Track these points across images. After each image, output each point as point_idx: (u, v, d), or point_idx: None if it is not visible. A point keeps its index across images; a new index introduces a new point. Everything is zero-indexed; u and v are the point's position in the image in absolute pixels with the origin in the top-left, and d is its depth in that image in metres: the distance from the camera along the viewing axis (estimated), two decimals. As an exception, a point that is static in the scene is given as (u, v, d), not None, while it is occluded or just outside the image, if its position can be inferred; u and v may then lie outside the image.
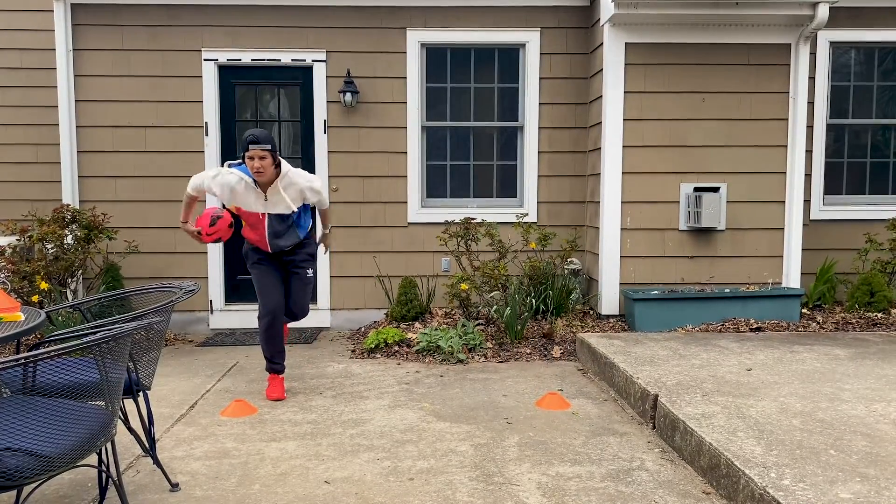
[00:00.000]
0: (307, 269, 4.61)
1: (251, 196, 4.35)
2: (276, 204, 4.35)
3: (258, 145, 4.13)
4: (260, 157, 4.15)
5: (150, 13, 6.49)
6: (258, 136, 4.15)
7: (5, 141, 7.06)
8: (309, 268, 4.61)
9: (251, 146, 4.13)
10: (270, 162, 4.20)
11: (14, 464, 2.17)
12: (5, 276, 5.64)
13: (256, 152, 4.14)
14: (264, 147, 4.15)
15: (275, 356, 4.55)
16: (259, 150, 4.14)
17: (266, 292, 4.46)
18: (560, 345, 5.69)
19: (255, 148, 4.13)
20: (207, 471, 3.36)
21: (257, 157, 4.14)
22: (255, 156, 4.14)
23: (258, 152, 4.14)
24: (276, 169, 4.28)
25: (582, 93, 6.71)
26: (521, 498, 3.02)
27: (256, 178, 4.23)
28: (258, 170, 4.17)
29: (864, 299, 6.13)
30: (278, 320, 4.49)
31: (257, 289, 4.51)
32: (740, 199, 6.13)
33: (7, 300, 3.00)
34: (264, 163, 4.17)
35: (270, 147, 4.18)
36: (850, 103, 6.68)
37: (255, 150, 4.13)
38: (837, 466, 2.87)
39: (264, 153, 4.15)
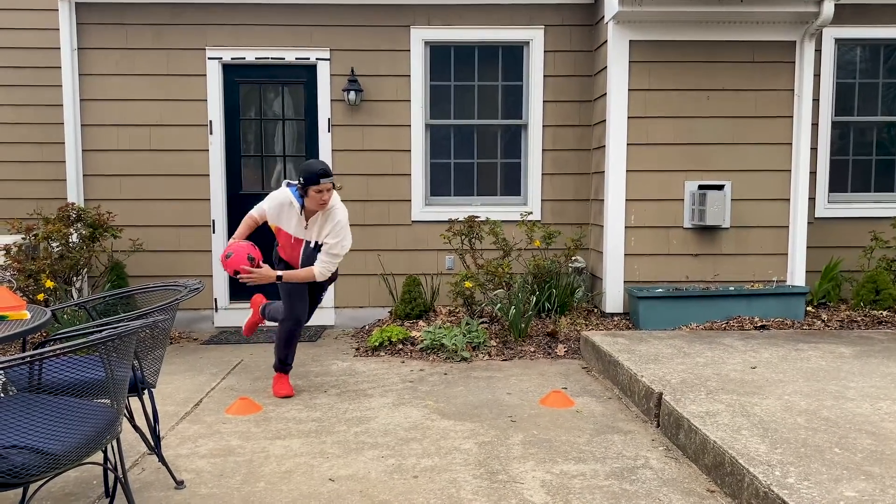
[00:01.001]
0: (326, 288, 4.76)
1: (294, 220, 4.43)
2: (311, 233, 4.43)
3: (329, 179, 4.25)
4: (328, 189, 4.26)
5: (155, 12, 6.50)
6: (328, 169, 4.27)
7: (11, 139, 7.09)
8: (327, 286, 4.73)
9: (322, 180, 4.21)
10: (332, 194, 4.31)
11: (20, 461, 2.18)
12: (11, 274, 5.66)
13: (327, 185, 4.24)
14: (332, 180, 4.29)
15: (288, 357, 4.60)
16: (329, 183, 4.25)
17: (293, 300, 4.48)
18: (564, 343, 5.69)
19: (327, 181, 4.23)
20: (212, 468, 3.37)
21: (326, 189, 4.25)
22: (325, 188, 4.24)
23: (328, 185, 4.25)
24: None
25: (586, 90, 6.70)
26: (526, 496, 3.02)
27: (319, 208, 4.32)
28: (323, 202, 4.28)
29: (870, 297, 6.12)
30: (301, 327, 4.56)
31: (284, 295, 4.51)
32: (745, 196, 6.12)
33: (13, 298, 3.01)
34: (330, 194, 4.30)
35: (334, 180, 4.32)
36: (856, 101, 6.66)
37: (325, 183, 4.23)
38: (842, 465, 2.86)
39: (331, 185, 4.28)
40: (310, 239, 4.44)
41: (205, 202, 6.64)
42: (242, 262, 4.23)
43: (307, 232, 4.43)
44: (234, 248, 4.29)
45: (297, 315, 4.50)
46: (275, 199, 4.45)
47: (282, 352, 4.57)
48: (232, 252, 4.26)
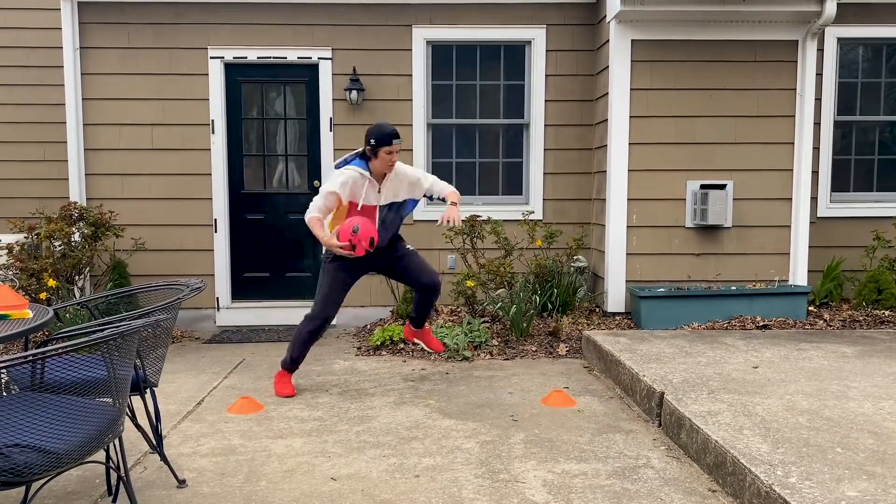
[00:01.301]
0: (406, 245, 4.72)
1: (366, 189, 4.44)
2: (387, 195, 4.51)
3: (398, 140, 4.37)
4: (398, 150, 4.40)
5: (157, 11, 6.51)
6: (396, 131, 4.39)
7: (13, 139, 7.10)
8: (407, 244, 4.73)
9: (395, 140, 4.35)
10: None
11: (23, 460, 2.18)
12: (13, 273, 5.67)
13: (397, 147, 4.37)
14: (400, 142, 4.40)
15: (300, 358, 4.59)
16: (399, 145, 4.39)
17: (329, 298, 4.48)
18: (566, 342, 5.69)
19: (398, 143, 4.37)
20: (214, 467, 3.37)
21: (396, 151, 4.37)
22: (395, 150, 4.36)
23: (398, 147, 4.38)
24: None
25: (588, 90, 6.69)
26: (527, 495, 3.02)
27: (388, 170, 4.41)
28: (393, 162, 4.39)
29: (872, 297, 6.11)
30: (325, 329, 4.56)
31: (323, 290, 4.50)
32: (747, 196, 6.11)
33: (15, 297, 3.01)
34: (397, 156, 4.42)
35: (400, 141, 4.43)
36: (858, 100, 6.65)
37: (396, 145, 4.36)
38: (844, 464, 2.86)
39: (400, 147, 4.42)
40: (384, 203, 4.50)
41: (207, 201, 6.64)
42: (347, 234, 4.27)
43: (380, 196, 4.48)
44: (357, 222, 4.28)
45: (326, 314, 4.49)
46: (342, 181, 4.35)
47: (296, 350, 4.55)
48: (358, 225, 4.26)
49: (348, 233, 4.25)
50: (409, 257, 4.64)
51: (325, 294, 4.49)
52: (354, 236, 4.23)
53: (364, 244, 4.25)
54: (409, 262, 4.63)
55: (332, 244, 4.28)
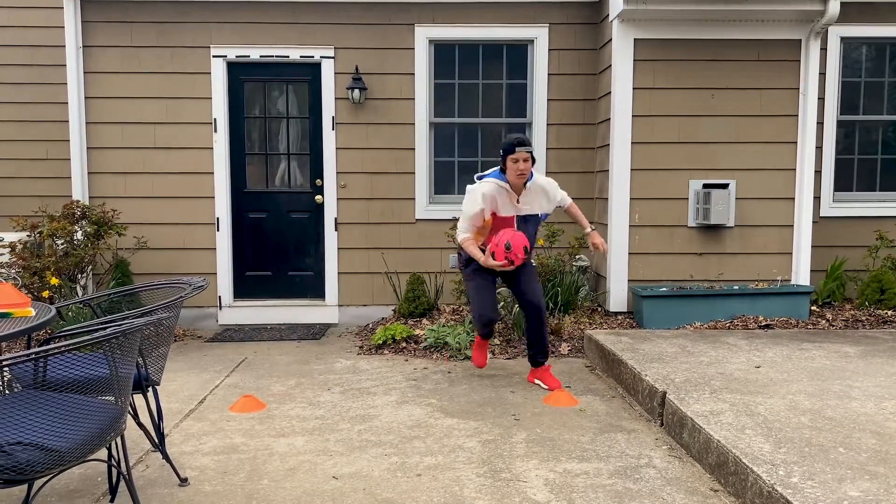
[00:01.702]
0: (530, 259, 4.68)
1: (506, 200, 4.44)
2: (525, 207, 4.48)
3: (524, 148, 4.27)
4: (524, 158, 4.28)
5: (160, 10, 6.51)
6: (524, 139, 4.30)
7: (16, 137, 7.11)
8: (531, 259, 4.71)
9: (518, 148, 4.25)
10: (531, 164, 4.32)
11: (25, 458, 2.19)
12: (16, 271, 5.68)
13: (522, 154, 4.26)
14: (529, 149, 4.29)
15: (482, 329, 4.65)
16: (524, 153, 4.26)
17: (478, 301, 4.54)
18: (568, 341, 5.69)
19: (522, 150, 4.26)
20: (216, 466, 3.38)
21: (522, 158, 4.27)
22: (521, 158, 4.27)
23: (524, 154, 4.27)
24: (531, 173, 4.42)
25: (590, 89, 6.69)
26: (529, 494, 3.02)
27: (519, 179, 4.33)
28: (522, 171, 4.29)
29: (875, 297, 6.10)
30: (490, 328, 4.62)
31: (471, 296, 4.59)
32: (750, 195, 6.11)
33: (18, 296, 3.02)
34: (527, 164, 4.31)
35: (532, 150, 4.32)
36: (861, 99, 6.64)
37: (521, 153, 4.25)
38: (846, 464, 2.85)
39: (528, 155, 4.29)
40: (522, 213, 4.48)
41: (209, 200, 6.65)
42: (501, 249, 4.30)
43: (519, 207, 4.45)
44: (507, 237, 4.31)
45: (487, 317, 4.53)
46: (482, 194, 4.37)
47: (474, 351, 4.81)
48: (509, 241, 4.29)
49: (503, 251, 4.30)
50: (527, 271, 4.61)
51: (474, 298, 4.56)
52: (509, 252, 4.28)
53: (520, 255, 4.31)
54: (524, 275, 4.60)
55: (490, 264, 4.35)
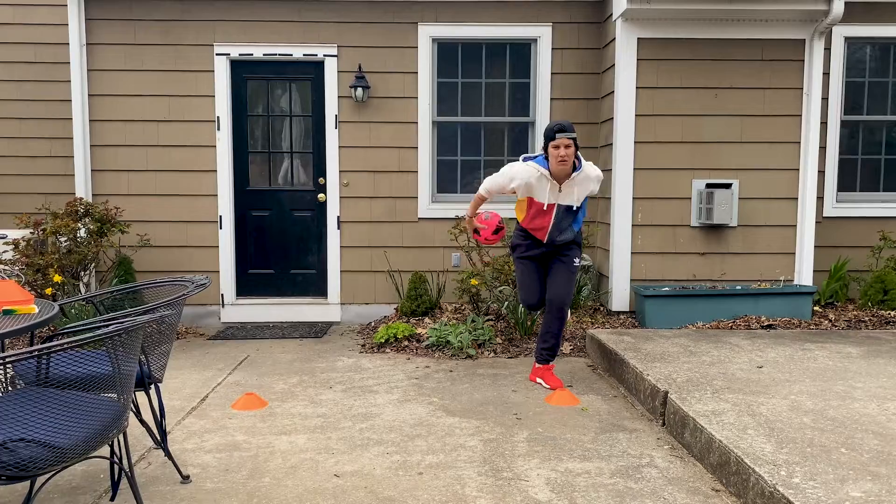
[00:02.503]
0: (574, 258, 4.60)
1: (546, 187, 4.41)
2: (567, 196, 4.44)
3: (565, 134, 4.24)
4: (566, 145, 4.24)
5: (163, 8, 6.52)
6: (565, 125, 4.26)
7: (20, 134, 7.13)
8: (576, 257, 4.62)
9: (558, 135, 4.23)
10: (573, 151, 4.29)
11: (28, 455, 2.19)
12: (19, 268, 5.69)
13: (563, 141, 4.23)
14: (570, 136, 4.25)
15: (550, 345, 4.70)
16: (566, 139, 4.24)
17: (523, 286, 4.68)
18: (570, 341, 5.69)
19: (562, 136, 4.23)
20: (218, 463, 3.38)
21: (563, 145, 4.24)
22: (562, 144, 4.23)
23: (564, 141, 4.24)
24: (577, 160, 4.38)
25: (594, 88, 6.68)
26: (530, 493, 3.02)
27: (560, 166, 4.30)
28: (563, 158, 4.25)
29: (878, 297, 6.09)
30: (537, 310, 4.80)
31: (519, 282, 4.73)
32: (753, 195, 6.10)
33: (21, 293, 3.03)
34: (569, 151, 4.25)
35: (575, 137, 4.28)
36: (865, 99, 6.62)
37: (561, 139, 4.23)
38: (848, 465, 2.85)
39: (569, 142, 4.25)
40: (564, 203, 4.45)
41: (212, 198, 6.66)
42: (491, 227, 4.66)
43: (561, 195, 4.42)
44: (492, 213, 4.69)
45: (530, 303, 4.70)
46: (521, 174, 4.40)
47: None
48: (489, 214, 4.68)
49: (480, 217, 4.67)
50: (562, 265, 4.59)
51: (519, 283, 4.73)
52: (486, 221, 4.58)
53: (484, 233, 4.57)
54: (557, 269, 4.59)
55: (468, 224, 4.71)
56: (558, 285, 4.55)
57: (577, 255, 4.63)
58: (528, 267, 4.66)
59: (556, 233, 4.51)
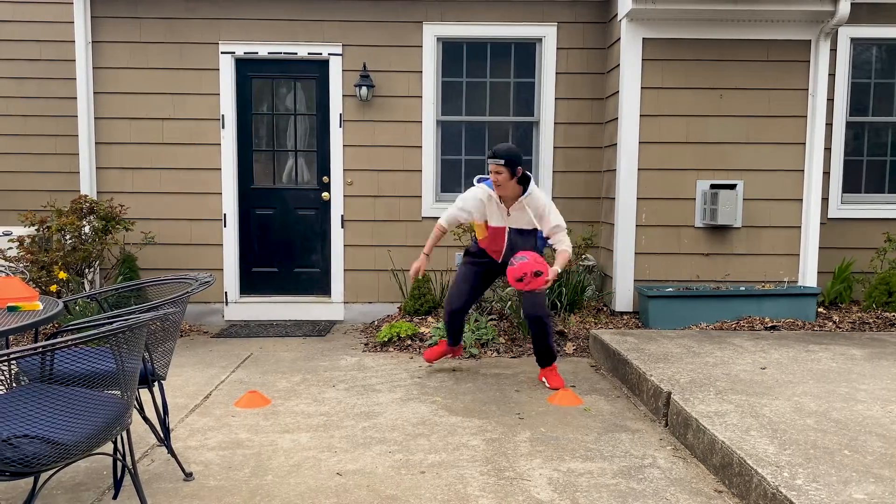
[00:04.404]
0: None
1: (495, 210, 4.50)
2: (516, 220, 4.49)
3: (493, 160, 4.32)
4: (496, 171, 4.32)
5: (169, 5, 6.53)
6: (496, 150, 4.34)
7: (25, 132, 7.14)
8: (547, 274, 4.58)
9: (489, 161, 4.34)
10: (507, 177, 4.32)
11: (32, 451, 2.20)
12: (24, 265, 5.71)
13: (492, 167, 4.33)
14: (497, 162, 4.31)
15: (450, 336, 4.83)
16: (493, 165, 4.32)
17: (455, 292, 4.65)
18: (573, 341, 5.68)
19: (490, 163, 4.34)
20: (221, 461, 3.39)
21: (493, 171, 4.34)
22: (492, 170, 4.35)
23: (493, 167, 4.33)
24: (517, 185, 4.40)
25: (598, 88, 6.67)
26: (532, 493, 3.02)
27: (496, 191, 4.40)
28: (496, 183, 4.35)
29: (882, 299, 6.07)
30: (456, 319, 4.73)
31: (453, 282, 4.74)
32: (757, 196, 6.09)
33: (26, 290, 3.04)
34: (500, 178, 4.34)
35: (504, 162, 4.30)
36: (871, 101, 6.60)
37: (492, 166, 4.33)
38: (851, 467, 2.84)
39: (500, 168, 4.31)
40: (514, 226, 4.50)
41: (216, 196, 6.67)
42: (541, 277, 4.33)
43: (510, 219, 4.48)
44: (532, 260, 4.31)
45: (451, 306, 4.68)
46: (472, 198, 4.52)
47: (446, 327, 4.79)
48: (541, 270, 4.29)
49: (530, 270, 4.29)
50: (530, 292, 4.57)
51: (452, 283, 4.73)
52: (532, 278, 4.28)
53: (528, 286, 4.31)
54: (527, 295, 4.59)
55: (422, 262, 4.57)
56: (531, 303, 4.52)
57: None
58: (470, 272, 4.66)
59: (511, 255, 4.47)
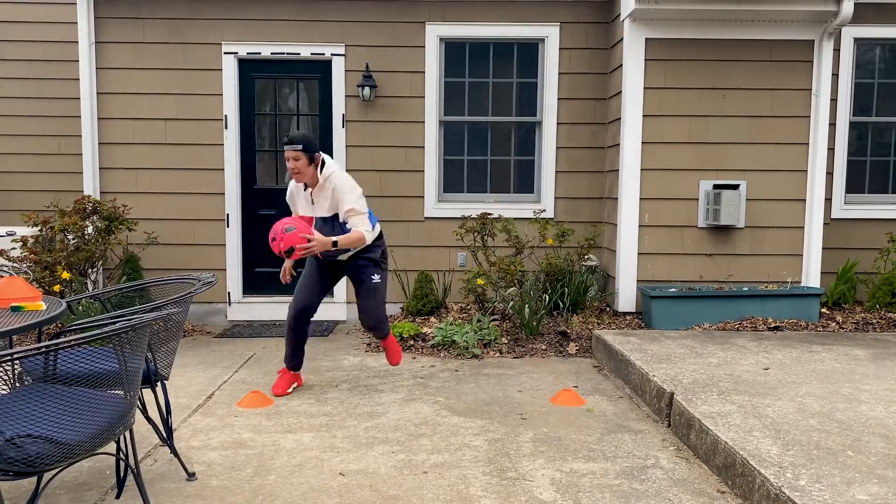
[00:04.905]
0: (372, 275, 4.39)
1: (302, 198, 4.39)
2: (319, 207, 4.32)
3: (289, 146, 4.16)
4: (293, 157, 4.16)
5: (172, 6, 6.54)
6: (290, 136, 4.18)
7: (29, 132, 7.15)
8: (374, 273, 4.40)
9: (285, 147, 4.17)
10: (305, 163, 4.18)
11: (35, 451, 2.20)
12: (27, 265, 5.72)
13: (288, 153, 4.17)
14: (295, 147, 4.15)
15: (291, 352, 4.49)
16: (290, 151, 4.16)
17: (299, 288, 4.44)
18: (576, 341, 5.68)
19: (287, 149, 4.17)
20: (224, 461, 3.39)
21: (291, 157, 4.17)
22: (289, 156, 4.17)
23: (289, 153, 4.17)
24: (316, 170, 4.25)
25: (601, 88, 6.67)
26: (535, 493, 3.02)
27: (295, 178, 4.27)
28: (292, 170, 4.20)
29: (886, 299, 6.06)
30: (302, 319, 4.41)
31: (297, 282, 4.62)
32: (760, 196, 6.08)
33: (29, 289, 3.04)
34: (298, 164, 4.17)
35: (301, 147, 4.15)
36: (874, 101, 6.59)
37: (286, 151, 4.18)
38: (855, 468, 2.84)
39: (297, 154, 4.16)
40: (319, 214, 4.32)
41: (219, 196, 6.68)
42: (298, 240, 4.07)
43: (315, 207, 4.32)
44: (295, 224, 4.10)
45: (295, 305, 4.39)
46: (287, 190, 4.50)
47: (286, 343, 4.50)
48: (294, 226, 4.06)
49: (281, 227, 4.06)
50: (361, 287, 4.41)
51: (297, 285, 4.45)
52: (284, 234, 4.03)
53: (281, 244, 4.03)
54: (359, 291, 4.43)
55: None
56: (361, 308, 4.44)
57: (374, 272, 4.40)
58: (312, 268, 4.45)
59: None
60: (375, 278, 4.41)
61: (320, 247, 4.07)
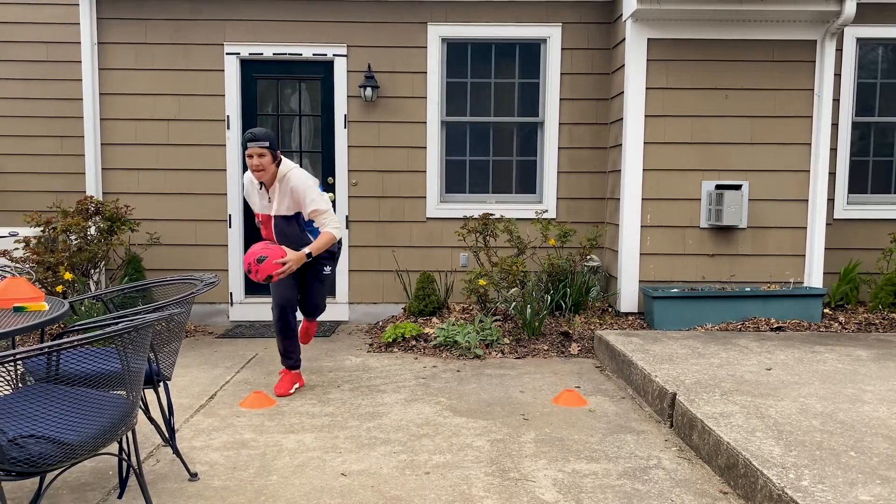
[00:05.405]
0: (324, 267, 4.46)
1: (256, 196, 4.35)
2: (278, 206, 4.27)
3: (255, 143, 4.08)
4: (258, 154, 4.10)
5: (174, 7, 6.55)
6: (255, 133, 4.09)
7: (31, 133, 7.17)
8: (327, 265, 4.47)
9: (248, 144, 4.09)
10: (270, 160, 4.13)
11: (38, 451, 2.21)
12: (30, 266, 5.73)
13: (253, 150, 4.09)
14: (261, 144, 4.08)
15: (285, 350, 4.50)
16: (256, 148, 4.08)
17: (276, 285, 4.37)
18: (578, 342, 5.68)
19: (252, 146, 4.08)
20: (226, 461, 3.39)
21: (255, 154, 4.10)
22: (253, 153, 4.10)
23: (255, 150, 4.09)
24: (277, 168, 4.21)
25: (603, 88, 6.67)
26: (537, 494, 3.02)
27: (256, 176, 4.19)
28: (256, 167, 4.13)
29: (888, 300, 6.05)
30: (287, 314, 4.40)
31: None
32: (763, 197, 6.07)
33: (31, 290, 3.05)
34: (263, 161, 4.12)
35: (268, 144, 4.10)
36: (877, 101, 6.58)
37: (251, 148, 4.09)
38: (857, 468, 2.83)
39: (262, 150, 4.09)
40: (275, 213, 4.28)
41: (221, 197, 6.68)
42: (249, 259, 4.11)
43: (271, 206, 4.29)
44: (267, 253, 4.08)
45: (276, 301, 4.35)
46: (245, 184, 4.44)
47: (278, 344, 4.51)
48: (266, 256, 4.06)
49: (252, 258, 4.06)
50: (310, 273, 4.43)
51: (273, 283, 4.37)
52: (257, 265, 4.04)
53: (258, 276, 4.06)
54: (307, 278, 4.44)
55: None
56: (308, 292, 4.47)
57: (328, 264, 4.45)
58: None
59: (285, 241, 4.30)
60: (327, 270, 4.48)
61: (296, 264, 4.13)
